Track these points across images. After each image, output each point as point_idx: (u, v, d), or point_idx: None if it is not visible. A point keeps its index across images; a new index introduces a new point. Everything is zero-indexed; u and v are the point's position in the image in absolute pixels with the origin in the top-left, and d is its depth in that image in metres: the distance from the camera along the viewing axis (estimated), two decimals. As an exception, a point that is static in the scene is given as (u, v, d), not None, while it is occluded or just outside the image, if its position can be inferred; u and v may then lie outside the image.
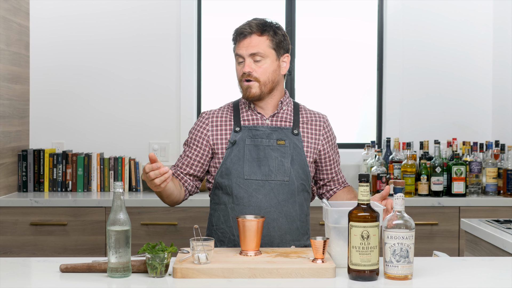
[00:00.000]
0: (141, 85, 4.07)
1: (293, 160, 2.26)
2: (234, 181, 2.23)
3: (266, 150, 2.25)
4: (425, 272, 1.85)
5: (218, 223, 2.28)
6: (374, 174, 3.66)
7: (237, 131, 2.28)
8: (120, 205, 1.80)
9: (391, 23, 4.15)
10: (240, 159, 2.24)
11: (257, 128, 2.29)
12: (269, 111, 2.33)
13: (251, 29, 2.26)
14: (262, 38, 2.26)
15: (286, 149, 2.26)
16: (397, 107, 4.15)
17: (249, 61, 2.26)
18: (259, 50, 2.25)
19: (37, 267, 1.94)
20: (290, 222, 2.24)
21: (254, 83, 2.26)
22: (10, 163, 3.70)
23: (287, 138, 2.29)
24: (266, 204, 2.22)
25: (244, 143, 2.26)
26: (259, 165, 2.24)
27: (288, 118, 2.33)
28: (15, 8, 3.72)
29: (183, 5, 4.06)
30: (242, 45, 2.27)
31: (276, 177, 2.23)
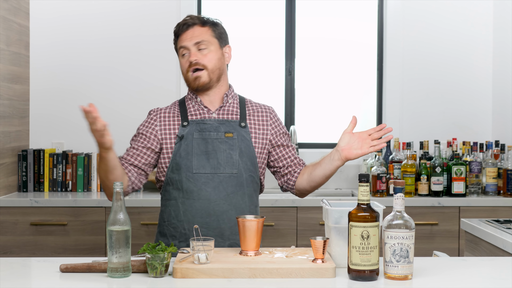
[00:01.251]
0: (141, 85, 4.07)
1: (241, 152, 2.29)
2: (183, 175, 2.26)
3: (214, 143, 2.28)
4: (425, 272, 1.85)
5: (169, 219, 2.30)
6: (374, 174, 3.66)
7: (185, 126, 2.30)
8: (120, 205, 1.80)
9: (391, 23, 4.15)
10: (189, 153, 2.27)
11: (204, 122, 2.31)
12: (216, 104, 2.36)
13: (193, 21, 2.33)
14: (204, 28, 2.34)
15: (234, 141, 2.29)
16: (397, 107, 4.15)
17: (194, 50, 2.31)
18: (203, 38, 2.31)
19: (37, 267, 1.94)
20: (239, 213, 2.27)
21: (202, 72, 2.31)
22: (10, 163, 3.70)
23: (235, 130, 2.31)
24: (216, 197, 2.24)
25: (192, 137, 2.28)
26: (208, 158, 2.26)
27: (235, 111, 2.36)
28: (15, 8, 3.72)
29: (183, 5, 4.06)
30: (185, 37, 2.32)
31: (224, 169, 2.26)
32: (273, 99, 4.25)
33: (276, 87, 4.26)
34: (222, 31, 2.40)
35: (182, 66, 2.34)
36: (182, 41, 2.32)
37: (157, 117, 2.35)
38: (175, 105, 2.39)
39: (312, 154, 4.14)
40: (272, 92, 4.26)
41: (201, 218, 2.24)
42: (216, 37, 2.36)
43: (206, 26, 2.34)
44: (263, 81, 4.26)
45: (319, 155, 4.09)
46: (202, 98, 2.36)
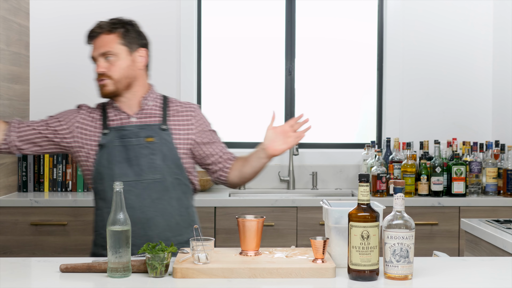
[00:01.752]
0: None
1: (164, 156, 2.25)
2: (106, 184, 2.22)
3: (135, 149, 2.24)
4: (425, 272, 1.85)
5: (98, 228, 2.29)
6: (374, 174, 3.66)
7: (105, 134, 2.26)
8: (120, 205, 1.80)
9: (391, 23, 4.15)
10: (110, 162, 2.23)
11: (124, 128, 2.26)
12: (134, 108, 2.31)
13: (100, 29, 2.28)
14: (111, 36, 2.27)
15: (156, 145, 2.25)
16: (397, 107, 4.15)
17: (101, 61, 2.26)
18: (108, 48, 2.25)
19: (37, 267, 1.94)
20: (167, 219, 2.25)
21: (108, 81, 2.25)
22: (10, 163, 3.70)
23: (156, 134, 2.26)
24: (139, 204, 2.21)
25: (113, 145, 2.25)
26: (130, 165, 2.23)
27: (157, 114, 2.31)
28: (15, 8, 3.72)
29: (183, 6, 4.06)
30: (94, 47, 2.29)
31: (147, 175, 2.23)
32: (273, 99, 4.26)
33: (276, 87, 4.25)
34: (135, 35, 2.31)
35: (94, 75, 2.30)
36: (92, 51, 2.30)
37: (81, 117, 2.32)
38: (97, 109, 2.35)
39: (312, 154, 4.14)
40: (272, 92, 4.26)
41: None
42: (124, 44, 2.27)
43: (114, 33, 2.27)
44: (263, 81, 4.26)
45: (319, 155, 4.12)
46: (119, 103, 2.31)
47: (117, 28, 2.28)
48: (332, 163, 4.12)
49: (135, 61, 2.29)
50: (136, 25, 2.33)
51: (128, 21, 2.32)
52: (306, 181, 4.11)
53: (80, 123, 2.31)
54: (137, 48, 2.30)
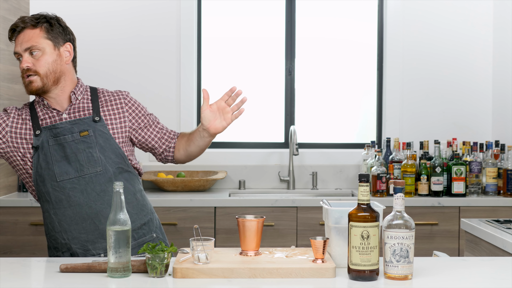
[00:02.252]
0: (141, 85, 4.07)
1: (102, 148, 2.23)
2: (49, 186, 2.19)
3: (72, 145, 2.21)
4: (425, 272, 1.85)
5: (48, 231, 2.25)
6: (374, 174, 3.66)
7: (37, 135, 2.22)
8: (120, 205, 1.80)
9: (391, 23, 4.15)
10: (49, 162, 2.20)
11: (56, 126, 2.22)
12: (64, 104, 2.27)
13: (23, 24, 2.23)
14: (36, 31, 2.22)
15: (91, 138, 2.23)
16: (397, 107, 4.15)
17: (26, 56, 2.20)
18: (33, 43, 2.20)
19: (37, 267, 1.94)
20: None
21: (35, 77, 2.20)
22: (10, 163, 3.69)
23: (90, 127, 2.24)
24: (86, 200, 2.18)
25: (48, 145, 2.21)
26: (69, 162, 2.20)
27: (86, 107, 2.28)
28: (15, 8, 3.72)
29: (183, 6, 4.06)
30: (17, 42, 2.23)
31: (88, 170, 2.20)
32: (273, 99, 4.26)
33: (276, 87, 4.26)
34: (60, 30, 2.27)
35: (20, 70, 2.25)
36: (15, 47, 2.23)
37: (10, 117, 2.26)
38: (27, 109, 2.29)
39: (312, 154, 4.14)
40: (272, 92, 4.26)
41: (77, 224, 2.19)
42: (50, 39, 2.23)
43: (38, 27, 2.22)
44: (263, 81, 4.26)
45: (319, 155, 4.13)
46: (48, 100, 2.26)
47: (42, 22, 2.24)
48: (332, 163, 4.12)
49: (61, 56, 2.26)
50: (61, 20, 2.31)
51: (53, 16, 2.30)
52: (306, 181, 4.11)
53: (11, 127, 2.25)
54: (63, 43, 2.27)
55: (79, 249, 2.19)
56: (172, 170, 3.98)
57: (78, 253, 2.20)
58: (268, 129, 4.27)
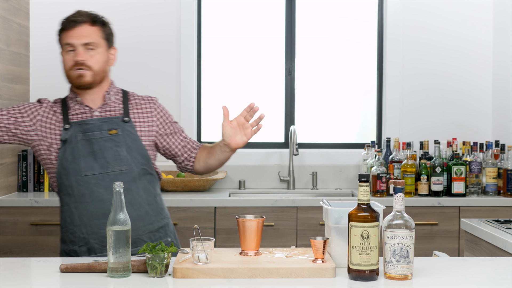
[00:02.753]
0: (141, 85, 4.07)
1: (129, 148, 2.27)
2: (73, 179, 2.23)
3: (100, 142, 2.25)
4: (425, 272, 1.85)
5: (66, 224, 2.27)
6: (374, 174, 3.66)
7: (67, 129, 2.26)
8: (120, 205, 1.80)
9: (391, 23, 4.15)
10: (75, 157, 2.23)
11: (86, 122, 2.27)
12: (97, 102, 2.32)
13: (82, 18, 2.27)
14: (94, 28, 2.28)
15: (120, 137, 2.27)
16: (397, 107, 4.15)
17: (82, 49, 2.25)
18: (92, 40, 2.26)
19: (37, 267, 1.94)
20: (137, 208, 2.26)
21: (87, 72, 2.26)
22: (10, 163, 3.69)
23: (119, 126, 2.28)
24: (109, 197, 2.18)
25: (76, 139, 2.25)
26: (95, 158, 2.23)
27: (118, 107, 2.33)
28: (15, 8, 3.72)
29: (183, 6, 4.06)
30: (73, 34, 2.26)
31: (114, 167, 2.23)
32: (273, 99, 4.26)
33: (276, 87, 4.26)
34: (110, 32, 2.35)
35: (66, 62, 2.29)
36: (69, 38, 2.26)
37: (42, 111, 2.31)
38: (56, 104, 2.35)
39: (312, 154, 4.14)
40: (272, 92, 4.26)
41: (98, 219, 2.21)
42: (105, 38, 2.30)
43: (96, 25, 2.28)
44: (263, 81, 4.26)
45: (319, 155, 4.12)
46: (83, 97, 2.32)
47: (99, 22, 2.30)
48: (332, 163, 4.12)
49: (109, 58, 2.33)
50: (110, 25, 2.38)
51: (104, 18, 2.36)
52: (306, 181, 4.11)
53: (42, 116, 2.30)
54: (111, 45, 2.34)
55: (97, 244, 2.21)
56: (172, 170, 3.98)
57: (95, 248, 2.22)
58: (268, 129, 4.27)
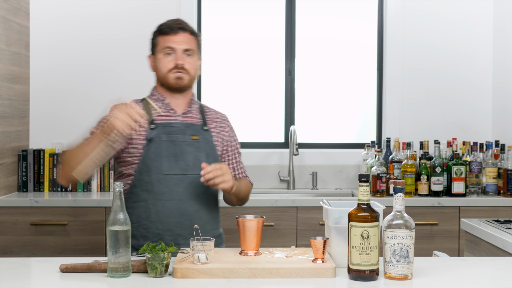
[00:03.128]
0: (141, 85, 4.06)
1: (207, 154, 2.38)
2: (154, 177, 2.31)
3: (182, 145, 2.35)
4: (425, 272, 1.85)
5: (139, 220, 2.32)
6: (374, 174, 3.66)
7: (152, 128, 2.35)
8: (120, 205, 1.80)
9: (391, 23, 4.15)
10: (158, 156, 2.32)
11: (171, 125, 2.38)
12: (181, 107, 2.44)
13: (183, 26, 2.40)
14: (193, 38, 2.43)
15: (200, 144, 2.38)
16: (397, 107, 4.15)
17: (181, 54, 2.37)
18: (192, 47, 2.41)
19: (37, 267, 1.94)
20: (208, 212, 2.37)
21: (185, 75, 2.39)
22: (10, 163, 3.70)
23: (200, 133, 2.40)
24: (187, 197, 2.32)
25: (160, 140, 2.34)
26: (177, 160, 2.33)
27: (197, 116, 2.45)
28: (15, 8, 3.72)
29: (183, 5, 4.06)
30: (175, 39, 2.38)
31: (193, 171, 2.33)
32: (273, 99, 4.26)
33: (276, 87, 4.26)
34: (201, 43, 2.51)
35: (164, 65, 2.38)
36: (171, 42, 2.38)
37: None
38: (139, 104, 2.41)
39: (312, 154, 4.14)
40: (272, 92, 4.26)
41: (175, 218, 2.30)
42: (198, 49, 2.47)
43: (194, 35, 2.43)
44: (263, 81, 4.26)
45: (319, 155, 4.13)
46: (171, 101, 2.43)
47: (195, 33, 2.45)
48: (332, 163, 4.12)
49: (198, 67, 2.47)
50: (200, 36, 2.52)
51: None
52: (306, 181, 4.11)
53: None
54: (200, 56, 2.49)
55: (172, 240, 2.27)
56: (172, 170, 3.98)
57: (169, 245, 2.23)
58: (268, 129, 4.27)
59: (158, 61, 2.40)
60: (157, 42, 2.41)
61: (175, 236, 2.29)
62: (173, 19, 2.44)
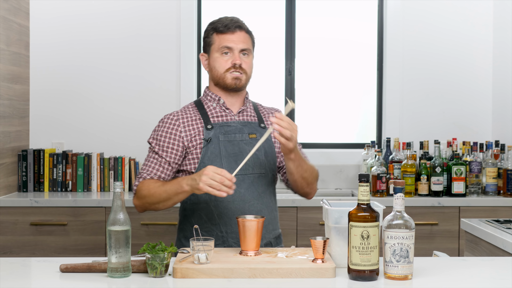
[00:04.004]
0: (141, 85, 4.07)
1: (266, 153, 2.33)
2: None
3: (240, 144, 2.30)
4: (425, 272, 1.85)
5: (202, 222, 2.27)
6: (374, 174, 3.66)
7: (209, 129, 2.30)
8: (120, 205, 1.80)
9: (391, 23, 4.15)
10: (217, 156, 2.27)
11: (228, 124, 2.32)
12: (237, 106, 2.38)
13: (239, 24, 2.36)
14: (248, 36, 2.39)
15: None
16: (397, 107, 4.15)
17: (239, 54, 2.33)
18: (248, 46, 2.37)
19: (37, 267, 1.94)
20: (270, 212, 2.32)
21: (242, 75, 2.34)
22: (10, 163, 3.70)
23: (257, 131, 2.35)
24: (249, 197, 2.26)
25: (219, 140, 2.29)
26: (236, 160, 2.26)
27: (253, 114, 2.41)
28: (15, 8, 3.72)
29: (183, 5, 4.06)
30: (232, 39, 2.33)
31: (253, 170, 2.29)
32: (273, 99, 4.26)
33: (276, 87, 4.25)
34: (254, 41, 2.47)
35: (221, 65, 2.33)
36: (228, 41, 2.32)
37: (179, 122, 2.31)
38: (192, 107, 2.37)
39: (312, 154, 4.13)
40: (272, 92, 4.26)
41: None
42: (253, 47, 2.43)
43: (249, 34, 2.40)
44: (263, 81, 4.26)
45: (319, 155, 4.12)
46: (227, 100, 2.37)
47: (250, 32, 2.42)
48: (332, 163, 4.12)
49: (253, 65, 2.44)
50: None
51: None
52: (306, 181, 4.11)
53: (184, 127, 2.30)
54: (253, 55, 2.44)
55: (235, 244, 2.23)
56: (172, 170, 3.98)
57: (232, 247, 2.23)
58: (268, 129, 4.27)
59: (214, 61, 2.34)
60: (213, 40, 2.34)
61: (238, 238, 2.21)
62: (228, 17, 2.37)
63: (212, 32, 2.35)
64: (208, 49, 2.37)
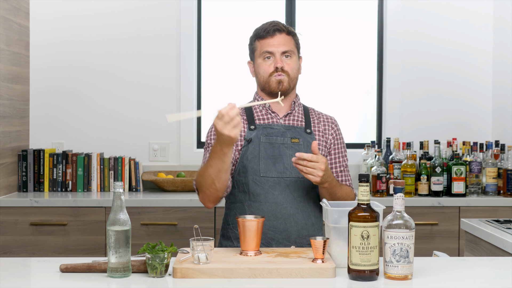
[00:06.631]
0: (141, 85, 4.07)
1: None
2: (250, 178, 2.26)
3: (281, 148, 2.30)
4: (425, 272, 1.85)
5: (234, 221, 2.29)
6: (374, 174, 3.66)
7: (252, 129, 2.32)
8: (120, 205, 1.80)
9: (391, 23, 4.15)
10: (256, 157, 2.28)
11: (271, 127, 2.33)
12: (283, 110, 2.39)
13: (279, 27, 2.36)
14: (289, 37, 2.38)
15: (300, 147, 2.31)
16: (397, 107, 4.15)
17: (280, 57, 2.33)
18: (289, 48, 2.35)
19: (37, 267, 1.94)
20: (306, 217, 2.28)
21: (285, 77, 2.34)
22: (10, 163, 3.70)
23: (301, 136, 2.34)
24: (283, 200, 2.25)
25: (259, 141, 2.30)
26: (274, 162, 2.27)
27: (300, 118, 2.39)
28: (15, 8, 3.72)
29: (183, 5, 4.06)
30: (272, 42, 2.33)
31: (291, 174, 2.27)
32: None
33: (276, 87, 4.25)
34: (299, 42, 2.45)
35: (264, 69, 2.33)
36: (268, 46, 2.33)
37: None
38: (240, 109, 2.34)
39: (312, 154, 4.14)
40: (272, 92, 4.25)
41: (268, 221, 2.23)
42: (297, 48, 2.41)
43: (290, 35, 2.38)
44: (263, 81, 4.26)
45: (319, 155, 4.11)
46: (272, 104, 2.38)
47: (292, 33, 2.40)
48: (332, 163, 4.12)
49: (299, 66, 2.44)
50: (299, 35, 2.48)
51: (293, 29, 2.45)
52: (306, 181, 4.10)
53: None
54: (300, 55, 2.45)
55: (264, 245, 2.22)
56: (172, 170, 3.98)
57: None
58: (268, 129, 4.27)
59: (257, 66, 2.36)
60: (255, 47, 2.36)
61: (268, 240, 2.23)
62: (268, 22, 2.38)
63: (254, 39, 2.38)
64: (252, 56, 2.40)
